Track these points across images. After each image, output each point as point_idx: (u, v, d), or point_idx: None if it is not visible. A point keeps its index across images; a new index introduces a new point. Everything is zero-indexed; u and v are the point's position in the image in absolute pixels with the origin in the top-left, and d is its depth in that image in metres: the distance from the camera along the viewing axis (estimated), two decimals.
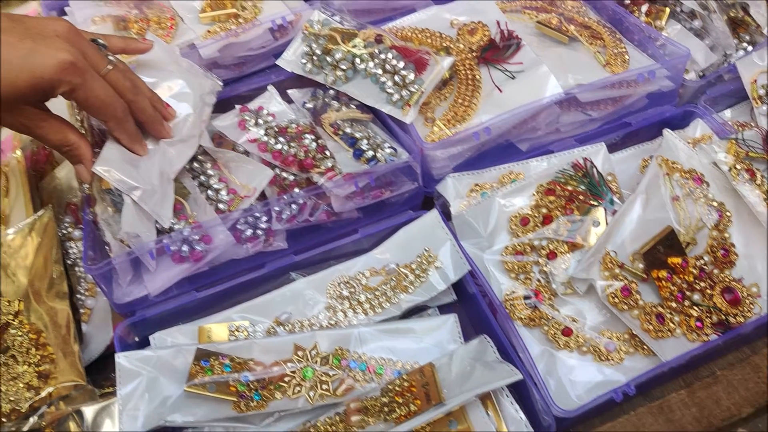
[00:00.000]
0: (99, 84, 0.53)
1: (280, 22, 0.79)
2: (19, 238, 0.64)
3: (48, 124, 0.54)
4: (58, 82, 0.51)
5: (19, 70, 0.49)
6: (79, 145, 0.56)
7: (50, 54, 0.50)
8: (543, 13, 0.81)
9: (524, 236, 0.64)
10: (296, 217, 0.64)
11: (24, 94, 0.50)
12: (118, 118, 0.56)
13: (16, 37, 0.50)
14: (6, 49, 0.49)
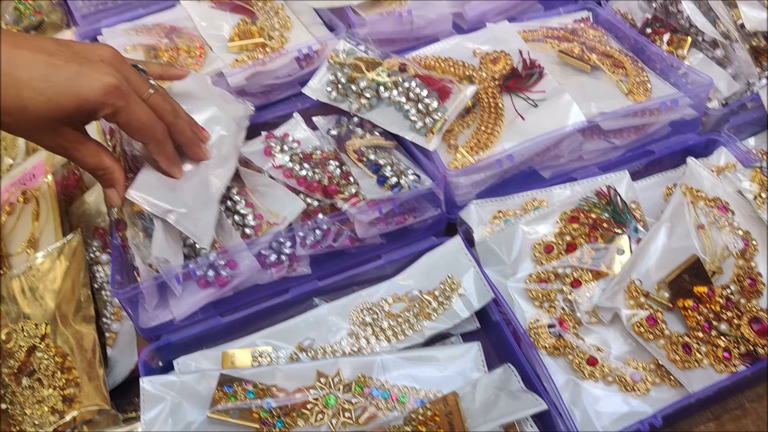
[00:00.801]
0: (141, 107, 0.55)
1: (306, 51, 0.80)
2: (48, 261, 0.65)
3: (85, 147, 0.55)
4: (101, 104, 0.52)
5: (65, 91, 0.51)
6: (113, 170, 0.57)
7: (96, 77, 0.52)
8: (565, 42, 0.81)
9: (548, 264, 0.64)
10: (320, 243, 0.64)
11: (67, 114, 0.52)
12: (158, 140, 0.57)
13: (63, 59, 0.52)
14: (53, 70, 0.51)
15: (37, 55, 0.51)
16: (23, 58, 0.51)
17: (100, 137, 0.68)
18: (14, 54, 0.50)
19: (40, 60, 0.51)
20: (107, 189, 0.58)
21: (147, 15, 0.92)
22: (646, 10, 0.85)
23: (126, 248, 0.61)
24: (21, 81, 0.50)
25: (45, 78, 0.50)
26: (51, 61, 0.51)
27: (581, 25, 0.85)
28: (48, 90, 0.50)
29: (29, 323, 0.62)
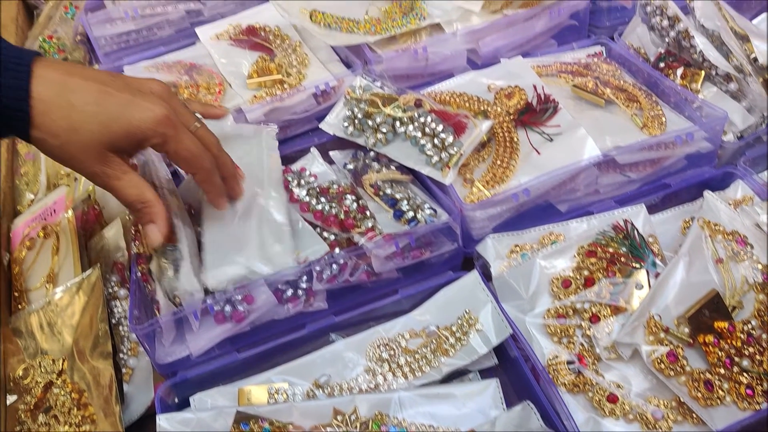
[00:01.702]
0: (189, 137, 0.56)
1: (323, 87, 0.82)
2: (66, 296, 0.65)
3: (128, 177, 0.55)
4: (152, 132, 0.54)
5: (116, 118, 0.53)
6: (154, 204, 0.57)
7: (146, 107, 0.54)
8: (579, 77, 0.82)
9: (566, 299, 0.64)
10: (337, 278, 0.64)
11: (116, 140, 0.53)
12: (206, 169, 0.58)
13: (115, 88, 0.54)
14: (105, 97, 0.53)
15: (90, 83, 0.53)
16: (77, 84, 0.52)
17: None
18: (68, 80, 0.52)
19: (94, 87, 0.53)
20: (147, 225, 0.57)
21: (168, 53, 0.94)
22: (658, 44, 0.86)
23: (146, 282, 0.61)
24: (74, 105, 0.51)
25: (97, 104, 0.52)
26: (104, 89, 0.53)
27: (594, 59, 0.86)
28: (100, 115, 0.52)
29: (47, 359, 0.63)
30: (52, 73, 0.52)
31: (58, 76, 0.52)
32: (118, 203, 0.77)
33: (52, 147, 0.53)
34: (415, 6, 0.90)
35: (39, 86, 0.51)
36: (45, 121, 0.51)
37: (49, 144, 0.52)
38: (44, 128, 0.51)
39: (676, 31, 0.82)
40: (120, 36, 0.98)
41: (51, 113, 0.51)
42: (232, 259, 0.60)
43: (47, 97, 0.51)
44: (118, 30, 0.97)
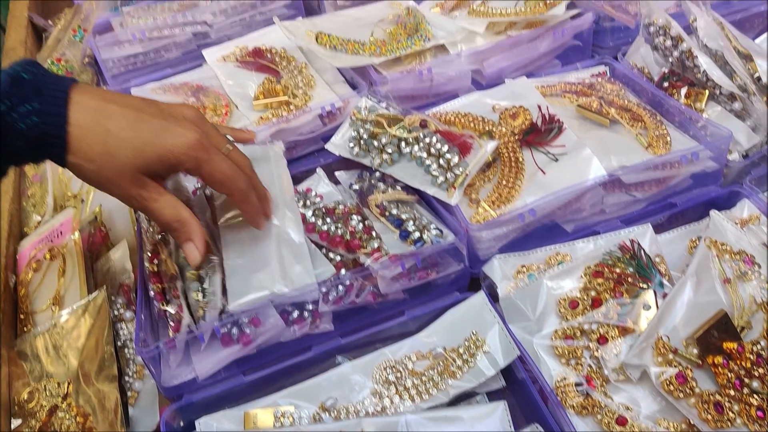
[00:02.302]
0: (223, 159, 0.57)
1: (329, 108, 0.82)
2: (72, 319, 0.65)
3: (164, 199, 0.56)
4: (185, 156, 0.55)
5: (150, 143, 0.54)
6: (191, 222, 0.58)
7: (180, 132, 0.55)
8: (583, 97, 0.82)
9: (574, 320, 0.63)
10: (343, 299, 0.64)
11: (150, 165, 0.54)
12: (242, 190, 0.59)
13: (149, 114, 0.55)
14: (140, 123, 0.54)
15: (125, 109, 0.54)
16: (113, 110, 0.53)
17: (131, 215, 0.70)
18: (105, 106, 0.53)
19: (129, 113, 0.54)
20: (185, 243, 0.58)
21: (175, 74, 0.95)
22: (662, 64, 0.86)
23: (161, 301, 0.61)
24: (109, 131, 0.53)
25: (132, 129, 0.53)
26: (139, 115, 0.54)
27: (599, 79, 0.86)
28: (135, 140, 0.53)
29: (52, 382, 0.62)
30: (88, 100, 0.53)
31: (94, 103, 0.53)
32: (124, 225, 0.78)
33: (87, 172, 0.54)
34: (420, 28, 0.91)
35: (76, 112, 0.52)
36: (81, 146, 0.52)
37: (85, 169, 0.53)
38: (80, 153, 0.52)
39: (680, 51, 0.83)
40: (127, 58, 0.99)
41: (87, 139, 0.52)
42: (254, 284, 0.61)
43: (84, 123, 0.52)
44: (125, 52, 0.98)
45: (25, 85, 0.51)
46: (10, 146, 0.51)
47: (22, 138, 0.51)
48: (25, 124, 0.50)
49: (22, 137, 0.51)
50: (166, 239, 0.66)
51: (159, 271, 0.63)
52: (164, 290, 0.62)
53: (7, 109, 0.50)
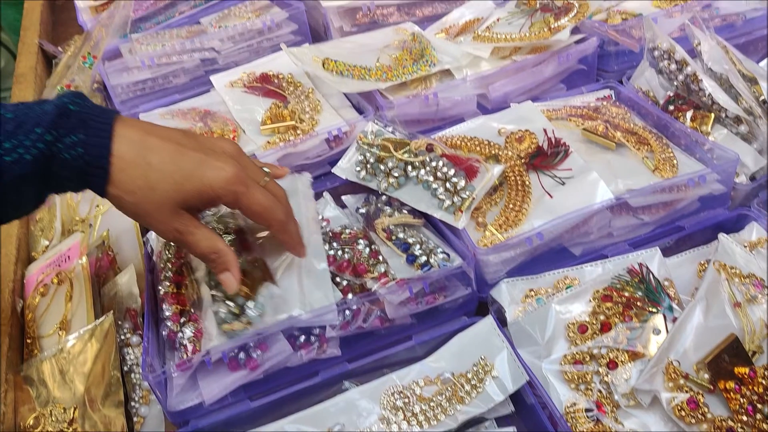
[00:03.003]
0: (261, 192, 0.58)
1: (335, 132, 0.83)
2: (79, 344, 0.65)
3: (200, 232, 0.57)
4: (223, 191, 0.55)
5: (190, 177, 0.54)
6: (226, 253, 0.58)
7: (219, 166, 0.55)
8: (588, 121, 0.82)
9: (583, 344, 0.63)
10: (350, 324, 0.64)
11: (189, 198, 0.55)
12: (281, 220, 0.60)
13: (189, 148, 0.55)
14: (180, 157, 0.54)
15: (166, 143, 0.55)
16: (155, 143, 0.54)
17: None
18: (147, 139, 0.54)
19: (170, 147, 0.55)
20: (221, 273, 0.59)
21: (182, 100, 0.96)
22: (667, 87, 0.87)
23: (177, 322, 0.61)
24: (151, 164, 0.53)
25: (173, 162, 0.54)
26: (179, 149, 0.55)
27: (604, 103, 0.87)
28: (175, 174, 0.54)
29: (58, 407, 0.62)
30: (132, 132, 0.54)
31: (137, 135, 0.54)
32: (131, 249, 0.78)
33: (127, 204, 0.54)
34: (425, 53, 0.92)
35: (119, 145, 0.53)
36: (123, 178, 0.53)
37: (125, 201, 0.54)
38: (121, 186, 0.53)
39: (685, 74, 0.83)
40: (136, 84, 1.00)
41: (129, 171, 0.53)
42: (276, 312, 0.61)
43: (127, 155, 0.53)
44: (134, 78, 0.99)
45: (72, 116, 0.52)
46: (55, 175, 0.52)
47: (66, 168, 0.52)
48: (69, 155, 0.51)
49: (67, 167, 0.52)
50: (191, 265, 0.67)
51: (179, 293, 0.63)
52: (182, 312, 0.62)
53: (54, 140, 0.51)
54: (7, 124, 0.50)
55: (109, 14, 1.06)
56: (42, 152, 0.50)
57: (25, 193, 0.52)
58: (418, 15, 1.08)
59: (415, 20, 1.06)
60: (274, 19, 1.05)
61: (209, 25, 1.11)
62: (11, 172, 0.50)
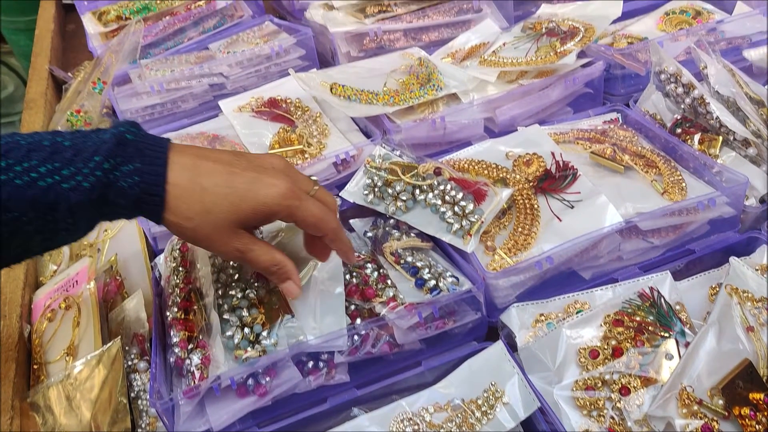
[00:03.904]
0: (313, 203, 0.58)
1: (343, 156, 0.83)
2: (86, 370, 0.65)
3: (258, 247, 0.58)
4: (278, 206, 0.56)
5: (244, 196, 0.55)
6: (285, 263, 0.60)
7: (271, 182, 0.56)
8: (596, 144, 0.82)
9: (594, 370, 0.62)
10: (358, 349, 0.63)
11: (246, 218, 0.56)
12: (333, 229, 0.60)
13: (240, 168, 0.56)
14: (233, 177, 0.55)
15: (218, 165, 0.56)
16: (207, 167, 0.55)
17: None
18: (200, 163, 0.55)
19: (222, 169, 0.55)
20: (284, 283, 0.61)
21: (191, 125, 0.96)
22: (674, 110, 0.87)
23: (184, 349, 0.61)
24: (205, 188, 0.54)
25: (227, 184, 0.55)
26: (231, 169, 0.56)
27: (611, 126, 0.87)
28: (230, 195, 0.55)
29: None
30: (185, 158, 0.55)
31: (190, 161, 0.55)
32: (139, 274, 0.78)
33: (185, 230, 0.55)
34: (432, 77, 0.92)
35: (174, 172, 0.54)
36: (179, 205, 0.54)
37: (183, 227, 0.55)
38: (178, 212, 0.54)
39: (692, 97, 0.83)
40: (145, 109, 1.01)
41: (185, 197, 0.54)
42: (288, 337, 0.62)
43: (182, 182, 0.54)
44: (143, 103, 1.00)
45: (129, 145, 0.53)
46: (110, 203, 0.52)
47: (122, 196, 0.52)
48: (126, 183, 0.52)
49: (123, 195, 0.52)
50: (201, 291, 0.66)
51: (187, 319, 0.63)
52: (189, 338, 0.61)
53: (111, 168, 0.51)
54: (65, 152, 0.51)
55: (119, 40, 1.07)
56: (100, 180, 0.50)
57: (79, 220, 0.52)
58: (425, 40, 1.09)
59: (421, 45, 1.07)
60: (282, 44, 1.05)
61: (218, 51, 1.12)
62: (68, 200, 0.50)
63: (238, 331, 0.61)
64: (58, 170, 0.50)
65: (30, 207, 0.49)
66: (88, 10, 1.26)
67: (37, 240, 0.52)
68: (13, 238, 0.50)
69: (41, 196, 0.49)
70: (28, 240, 0.51)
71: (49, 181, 0.49)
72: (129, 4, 1.22)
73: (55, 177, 0.50)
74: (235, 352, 0.59)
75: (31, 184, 0.49)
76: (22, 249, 0.52)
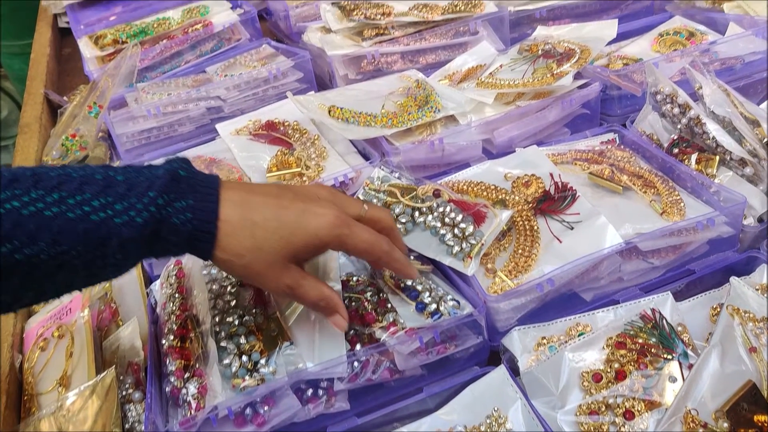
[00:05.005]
0: (362, 229, 0.58)
1: (341, 179, 0.83)
2: (79, 401, 0.63)
3: (307, 282, 0.57)
4: (328, 237, 0.56)
5: (295, 230, 0.55)
6: (333, 297, 0.59)
7: (320, 213, 0.56)
8: (594, 164, 0.82)
9: (598, 393, 0.61)
10: (358, 376, 0.62)
11: (297, 251, 0.55)
12: (386, 252, 0.60)
13: (288, 200, 0.56)
14: (282, 211, 0.55)
15: (267, 199, 0.55)
16: (257, 202, 0.55)
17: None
18: (249, 199, 0.55)
19: (271, 203, 0.55)
20: (331, 317, 0.60)
21: (188, 148, 0.96)
22: (671, 131, 0.87)
23: (180, 378, 0.59)
24: (256, 223, 0.54)
25: (276, 218, 0.54)
26: (279, 202, 0.55)
27: (608, 146, 0.87)
28: (280, 230, 0.54)
29: None
30: (235, 194, 0.54)
31: (239, 197, 0.54)
32: (134, 301, 0.77)
33: (236, 266, 0.54)
34: (430, 99, 0.92)
35: (226, 208, 0.53)
36: (230, 242, 0.53)
37: (235, 264, 0.54)
38: (229, 249, 0.53)
39: (688, 118, 0.83)
40: (141, 132, 1.00)
41: (236, 234, 0.53)
42: (287, 364, 0.61)
43: (233, 218, 0.53)
44: (139, 127, 0.99)
45: (182, 181, 0.52)
46: (162, 239, 0.51)
47: (174, 232, 0.51)
48: (179, 219, 0.51)
49: (175, 232, 0.51)
50: (198, 318, 0.65)
51: (183, 347, 0.62)
52: (186, 367, 0.60)
53: (165, 204, 0.51)
54: (118, 186, 0.50)
55: (115, 64, 1.07)
56: (153, 216, 0.50)
57: (129, 256, 0.51)
58: (422, 62, 1.09)
59: (418, 67, 1.07)
60: (279, 67, 1.06)
61: (215, 74, 1.12)
62: (120, 235, 0.49)
63: (236, 359, 0.60)
64: (111, 204, 0.49)
65: (80, 241, 0.48)
66: (84, 34, 1.26)
67: (82, 275, 0.50)
68: (59, 272, 0.49)
69: (93, 231, 0.48)
70: (73, 275, 0.50)
71: (101, 216, 0.48)
72: (126, 28, 1.23)
73: (107, 211, 0.49)
74: (232, 381, 0.58)
75: (84, 217, 0.48)
76: (65, 284, 0.51)
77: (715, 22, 1.07)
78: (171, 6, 1.31)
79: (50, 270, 0.48)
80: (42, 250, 0.47)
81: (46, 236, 0.47)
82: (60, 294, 0.52)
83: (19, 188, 0.47)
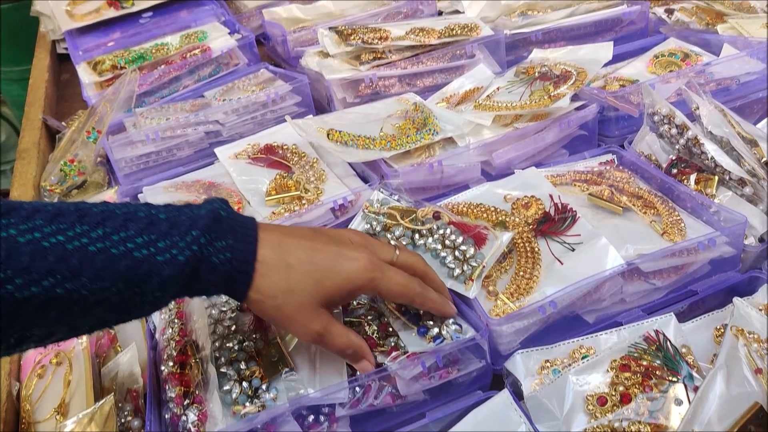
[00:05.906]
0: (394, 272, 0.59)
1: (341, 201, 0.82)
2: (77, 429, 0.62)
3: (335, 328, 0.57)
4: (361, 280, 0.56)
5: (328, 273, 0.55)
6: (360, 344, 0.59)
7: (353, 256, 0.56)
8: (593, 185, 0.82)
9: (603, 417, 0.60)
10: (360, 402, 0.61)
11: (329, 295, 0.55)
12: (419, 293, 0.60)
13: (321, 243, 0.56)
14: (316, 254, 0.55)
15: (302, 241, 0.56)
16: (291, 244, 0.55)
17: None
18: (285, 240, 0.55)
19: (306, 245, 0.55)
20: (358, 363, 0.60)
21: (186, 173, 0.96)
22: (669, 151, 0.87)
23: (179, 405, 0.59)
24: (291, 265, 0.54)
25: (310, 261, 0.55)
26: (313, 245, 0.56)
27: (607, 167, 0.87)
28: (313, 272, 0.55)
29: None
30: (272, 236, 0.55)
31: (276, 238, 0.55)
32: (133, 326, 0.76)
33: (268, 308, 0.54)
34: (428, 122, 0.93)
35: (263, 249, 0.54)
36: (265, 283, 0.53)
37: (267, 305, 0.54)
38: (263, 290, 0.53)
39: (686, 138, 0.84)
40: (140, 158, 1.00)
41: (271, 275, 0.53)
42: (288, 390, 0.60)
43: (270, 259, 0.53)
44: (138, 152, 0.99)
45: (223, 221, 0.52)
46: (201, 279, 0.51)
47: (213, 272, 0.51)
48: (218, 259, 0.51)
49: (214, 271, 0.51)
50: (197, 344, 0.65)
51: (182, 373, 0.61)
52: (186, 394, 0.59)
53: (206, 243, 0.51)
54: (161, 224, 0.50)
55: (114, 90, 1.08)
56: (195, 254, 0.50)
57: (166, 294, 0.50)
58: (419, 85, 1.10)
59: (416, 90, 1.08)
60: (278, 91, 1.06)
61: (213, 99, 1.12)
62: (161, 273, 0.49)
63: (236, 386, 0.59)
64: (155, 242, 0.49)
65: (122, 277, 0.47)
66: (83, 60, 1.27)
67: (118, 311, 0.50)
68: (96, 308, 0.48)
69: (135, 267, 0.48)
70: (109, 311, 0.49)
71: (144, 253, 0.48)
72: (124, 54, 1.23)
73: (150, 249, 0.48)
74: (233, 408, 0.58)
75: (127, 254, 0.48)
76: (99, 320, 0.50)
77: (709, 43, 1.08)
78: (169, 32, 1.32)
79: (88, 305, 0.47)
80: (83, 285, 0.46)
81: (88, 271, 0.46)
82: (93, 330, 0.52)
83: (64, 222, 0.47)
